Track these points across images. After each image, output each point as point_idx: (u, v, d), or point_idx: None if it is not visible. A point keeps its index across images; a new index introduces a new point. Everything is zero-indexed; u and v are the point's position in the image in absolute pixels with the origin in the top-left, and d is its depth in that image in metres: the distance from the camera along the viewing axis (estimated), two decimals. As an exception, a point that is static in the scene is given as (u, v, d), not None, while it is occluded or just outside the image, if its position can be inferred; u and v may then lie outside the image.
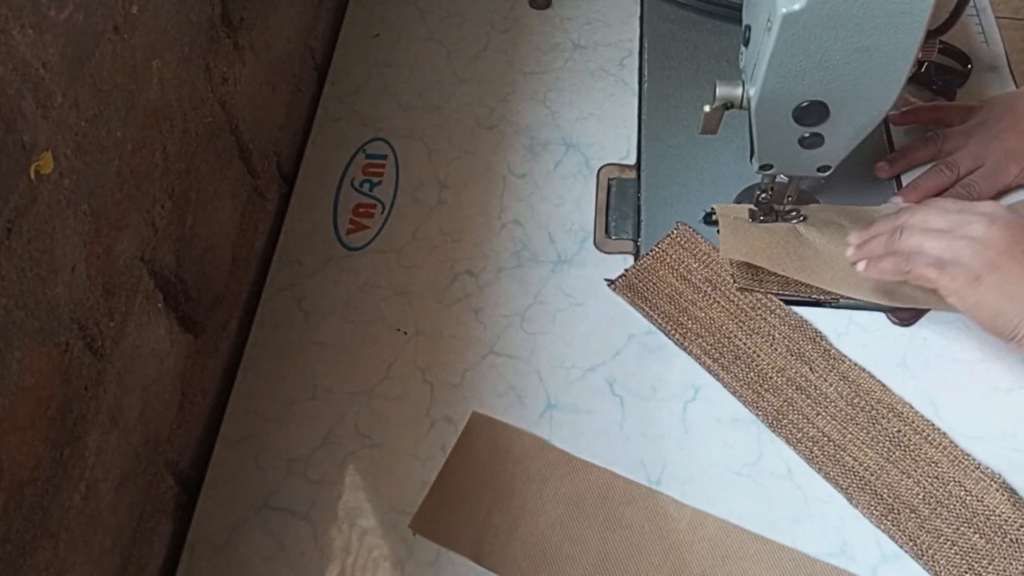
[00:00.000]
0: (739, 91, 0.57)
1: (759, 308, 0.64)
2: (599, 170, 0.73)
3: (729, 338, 0.63)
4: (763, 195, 0.66)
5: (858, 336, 0.63)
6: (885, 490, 0.56)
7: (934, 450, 0.57)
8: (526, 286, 0.67)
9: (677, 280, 0.66)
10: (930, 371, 0.61)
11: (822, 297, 0.64)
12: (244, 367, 0.65)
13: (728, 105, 0.58)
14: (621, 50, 0.81)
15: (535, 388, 0.62)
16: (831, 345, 0.62)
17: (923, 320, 0.63)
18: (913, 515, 0.55)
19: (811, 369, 0.61)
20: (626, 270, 0.67)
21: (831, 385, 0.60)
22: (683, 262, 0.66)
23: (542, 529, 0.56)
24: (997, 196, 0.66)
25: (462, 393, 0.62)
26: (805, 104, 0.55)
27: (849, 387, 0.60)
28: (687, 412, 0.61)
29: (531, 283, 0.67)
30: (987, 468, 0.56)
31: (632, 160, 0.73)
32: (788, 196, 0.65)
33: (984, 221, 0.54)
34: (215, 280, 0.63)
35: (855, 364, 0.61)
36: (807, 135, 0.57)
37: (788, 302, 0.64)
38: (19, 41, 0.39)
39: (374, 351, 0.64)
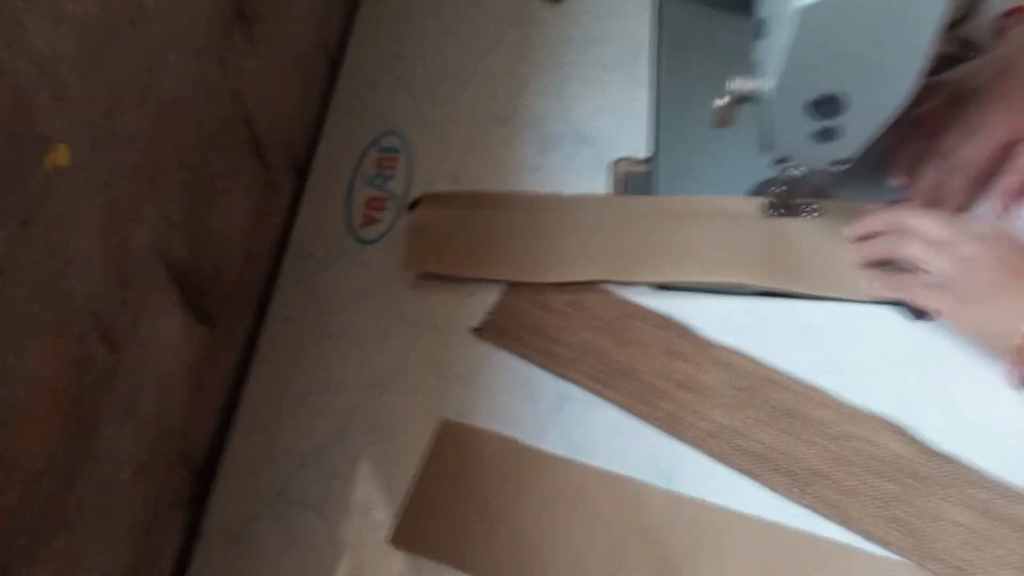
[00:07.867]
0: (753, 84, 0.57)
1: (625, 317, 0.63)
2: (612, 164, 0.73)
3: (606, 354, 0.62)
4: (778, 189, 0.65)
5: (871, 332, 0.62)
6: (793, 464, 0.56)
7: (823, 410, 0.57)
8: (539, 280, 0.67)
9: (539, 310, 0.64)
10: (945, 367, 0.60)
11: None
12: (258, 360, 0.65)
13: (742, 99, 0.58)
14: (635, 44, 0.80)
15: (548, 382, 0.62)
16: (698, 334, 0.62)
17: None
18: (826, 481, 0.55)
19: (687, 363, 0.60)
20: (488, 315, 0.65)
21: (709, 373, 0.60)
22: (540, 291, 0.65)
23: (521, 529, 0.55)
24: (989, 177, 0.64)
25: (475, 388, 0.62)
26: (821, 98, 0.54)
27: (727, 371, 0.60)
28: (700, 407, 0.60)
29: (544, 277, 0.67)
30: (872, 413, 0.57)
31: (646, 154, 0.73)
32: (804, 190, 0.65)
33: (975, 242, 0.57)
34: (229, 273, 0.63)
35: (724, 346, 0.61)
36: (823, 129, 0.57)
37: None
38: (35, 33, 0.39)
39: (387, 345, 0.64)
